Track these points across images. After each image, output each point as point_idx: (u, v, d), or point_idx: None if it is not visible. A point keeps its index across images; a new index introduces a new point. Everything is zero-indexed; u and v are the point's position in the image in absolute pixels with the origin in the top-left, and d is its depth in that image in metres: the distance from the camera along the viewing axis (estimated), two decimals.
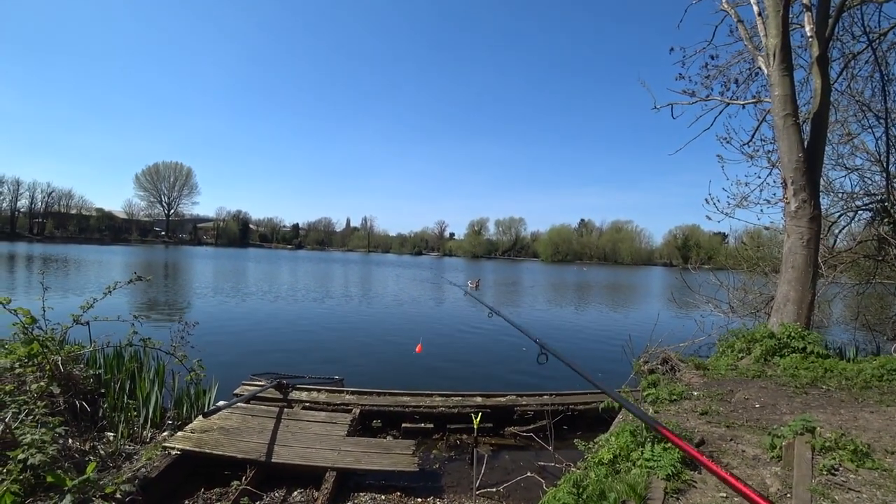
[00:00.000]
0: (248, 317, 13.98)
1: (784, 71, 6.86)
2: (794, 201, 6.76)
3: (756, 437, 3.71)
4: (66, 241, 71.49)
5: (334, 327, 13.19)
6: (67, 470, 3.22)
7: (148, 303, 15.53)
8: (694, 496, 2.87)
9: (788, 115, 6.81)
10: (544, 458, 4.49)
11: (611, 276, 52.05)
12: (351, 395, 5.59)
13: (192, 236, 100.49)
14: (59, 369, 4.31)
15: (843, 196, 10.02)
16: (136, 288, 16.69)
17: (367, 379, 6.89)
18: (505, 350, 10.85)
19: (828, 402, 4.52)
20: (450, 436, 5.24)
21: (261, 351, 9.44)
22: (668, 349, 6.01)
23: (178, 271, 31.16)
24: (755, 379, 5.29)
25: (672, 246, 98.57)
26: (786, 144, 6.84)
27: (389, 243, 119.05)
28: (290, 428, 4.49)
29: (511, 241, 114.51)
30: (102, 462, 3.78)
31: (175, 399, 5.32)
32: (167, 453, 3.89)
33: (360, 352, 10.24)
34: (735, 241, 13.65)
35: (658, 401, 4.41)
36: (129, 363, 5.32)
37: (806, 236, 6.71)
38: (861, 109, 9.41)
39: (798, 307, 6.67)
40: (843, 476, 2.94)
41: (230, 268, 36.14)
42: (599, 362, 9.81)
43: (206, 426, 4.35)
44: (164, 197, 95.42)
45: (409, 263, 62.32)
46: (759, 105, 9.22)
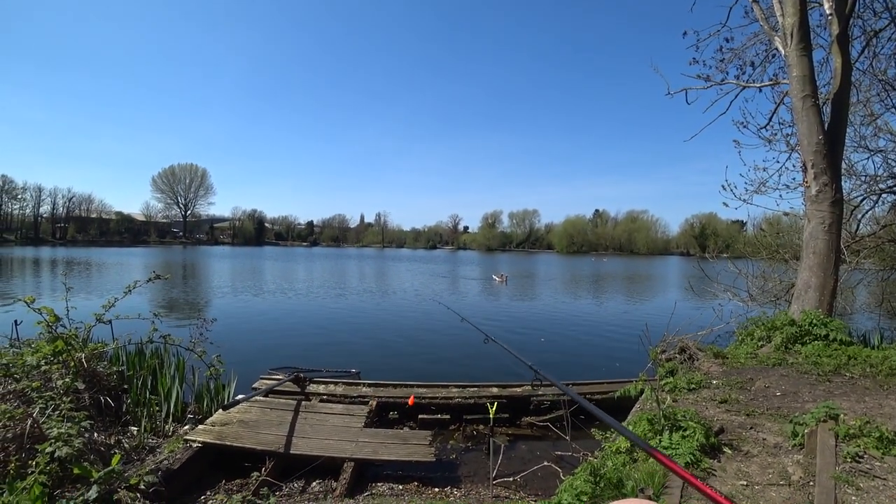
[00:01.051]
0: (265, 313, 14.17)
1: (802, 51, 6.67)
2: (815, 185, 6.59)
3: (777, 425, 3.65)
4: (88, 245, 73.18)
5: (350, 322, 13.32)
6: (93, 462, 3.31)
7: (167, 301, 15.83)
8: (714, 484, 2.84)
9: (808, 97, 6.62)
10: (561, 448, 4.48)
11: (627, 267, 51.53)
12: (367, 387, 5.64)
13: (209, 236, 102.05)
14: (84, 366, 4.41)
15: (866, 179, 9.73)
16: (155, 287, 17.03)
17: (383, 372, 6.94)
18: (520, 341, 10.84)
19: (852, 390, 4.42)
20: (466, 426, 5.26)
21: (278, 346, 9.58)
22: (686, 338, 5.93)
23: (195, 270, 31.70)
24: (776, 367, 5.20)
25: (689, 235, 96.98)
26: (805, 127, 6.66)
27: (403, 238, 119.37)
28: (308, 420, 4.55)
29: (525, 233, 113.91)
30: (127, 455, 3.87)
31: (195, 394, 5.43)
32: (189, 446, 3.97)
33: (376, 345, 10.33)
34: (753, 228, 13.34)
35: (676, 389, 4.36)
36: (151, 360, 5.43)
37: (827, 221, 6.54)
38: (884, 89, 9.10)
39: (820, 294, 6.52)
40: (868, 463, 2.87)
41: (247, 266, 36.66)
42: (617, 352, 9.75)
43: (225, 419, 4.43)
44: (180, 198, 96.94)
45: (424, 258, 62.45)
46: (777, 87, 8.99)
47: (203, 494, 3.62)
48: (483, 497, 3.66)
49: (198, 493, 3.62)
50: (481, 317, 14.63)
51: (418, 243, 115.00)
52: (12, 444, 3.25)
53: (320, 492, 3.71)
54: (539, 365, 2.44)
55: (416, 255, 75.34)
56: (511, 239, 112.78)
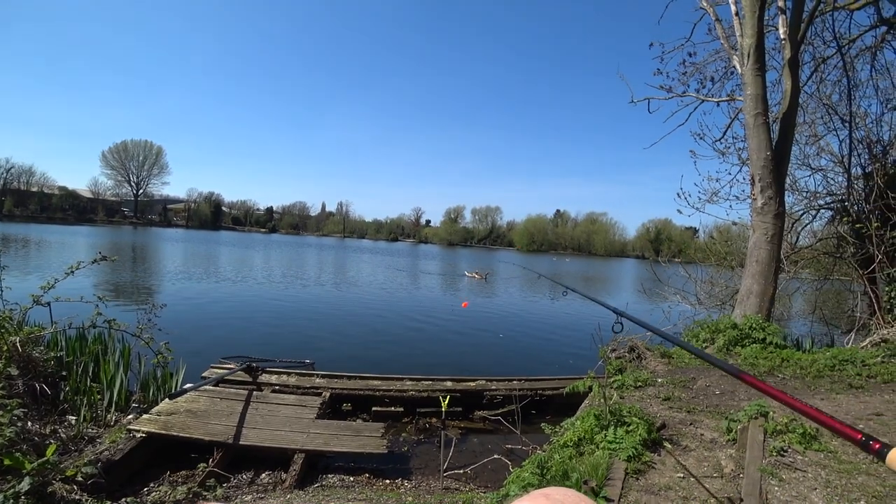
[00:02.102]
0: (218, 301, 13.73)
1: (757, 71, 7.04)
2: (761, 198, 6.99)
3: (714, 421, 3.88)
4: (27, 221, 68.22)
5: (306, 312, 13.08)
6: (26, 453, 3.14)
7: (114, 285, 15.07)
8: (653, 476, 2.99)
9: (759, 115, 7.00)
10: (512, 442, 4.59)
11: (585, 267, 52.93)
12: (321, 378, 5.58)
13: (161, 217, 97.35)
14: (18, 350, 4.16)
15: (807, 195, 10.41)
16: (101, 269, 16.16)
17: (338, 363, 6.88)
18: (476, 337, 10.99)
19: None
20: (419, 419, 5.30)
21: (231, 335, 9.30)
22: (636, 338, 6.18)
23: (146, 253, 30.27)
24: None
25: (645, 239, 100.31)
26: (755, 142, 7.05)
27: (365, 229, 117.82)
28: (260, 411, 4.46)
29: (487, 229, 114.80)
30: (64, 445, 3.69)
31: (141, 382, 5.20)
32: (132, 436, 3.83)
33: (332, 336, 10.20)
34: (705, 235, 14.00)
35: (624, 387, 4.54)
36: (93, 345, 5.18)
37: (770, 232, 6.96)
38: (828, 112, 9.75)
39: (760, 300, 6.94)
40: (791, 457, 3.10)
41: (201, 251, 35.28)
42: (571, 349, 10.03)
43: (172, 409, 4.28)
44: (132, 176, 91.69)
45: (385, 250, 61.96)
46: (733, 103, 9.46)
47: (146, 486, 3.49)
48: (433, 489, 3.71)
49: (140, 485, 3.49)
50: (443, 313, 14.72)
51: (380, 235, 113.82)
52: None
53: (269, 483, 3.66)
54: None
55: (378, 246, 74.59)
56: (473, 235, 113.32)
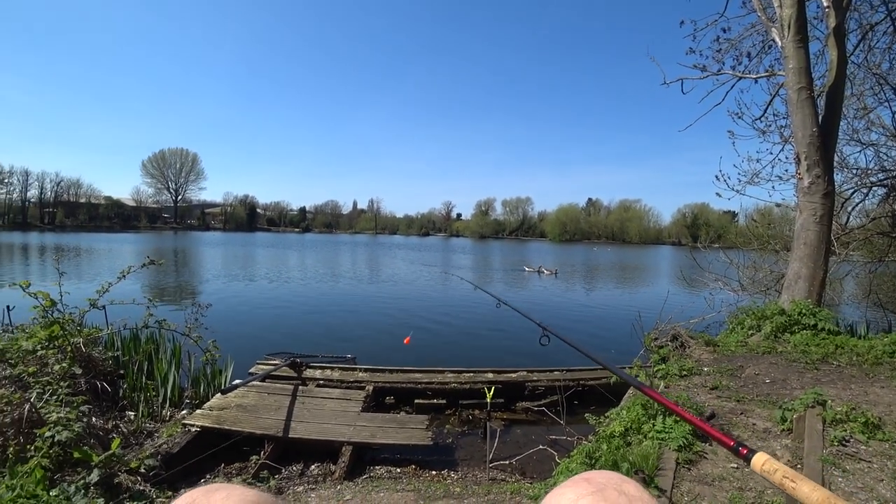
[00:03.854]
0: (260, 299, 14.15)
1: (799, 43, 6.68)
2: (808, 177, 6.66)
3: (766, 410, 3.74)
4: (77, 230, 72.12)
5: (344, 308, 13.34)
6: (93, 447, 3.33)
7: (161, 287, 15.75)
8: (705, 466, 2.92)
9: (803, 89, 6.66)
10: (556, 433, 4.56)
11: (621, 256, 51.84)
12: (364, 372, 5.69)
13: (200, 222, 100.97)
14: (80, 351, 4.41)
15: (857, 172, 9.84)
16: (148, 273, 16.90)
17: (378, 357, 6.98)
18: (515, 329, 10.95)
19: (838, 378, 4.53)
20: (462, 411, 5.33)
21: (274, 332, 9.59)
22: (678, 326, 6.02)
23: (188, 257, 31.46)
24: (765, 355, 5.30)
25: (681, 225, 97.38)
26: (799, 119, 6.71)
27: (396, 225, 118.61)
28: (306, 405, 4.59)
29: (518, 220, 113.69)
30: (125, 439, 3.89)
31: (192, 378, 5.43)
32: (187, 430, 4.00)
33: (371, 331, 10.37)
34: (745, 218, 13.47)
35: (668, 376, 4.44)
36: (146, 345, 5.43)
37: (819, 212, 6.63)
38: (878, 83, 9.15)
39: (809, 284, 6.63)
40: (854, 447, 2.96)
41: (240, 253, 36.42)
42: (610, 339, 9.87)
43: (223, 404, 4.45)
44: (171, 183, 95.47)
45: (417, 245, 62.28)
46: (773, 79, 9.01)
47: (202, 478, 3.65)
48: (479, 479, 3.73)
49: (197, 477, 3.65)
50: (480, 307, 14.75)
51: (411, 230, 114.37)
52: (10, 428, 3.26)
53: (319, 475, 3.76)
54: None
55: (409, 242, 74.99)
56: (504, 227, 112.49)
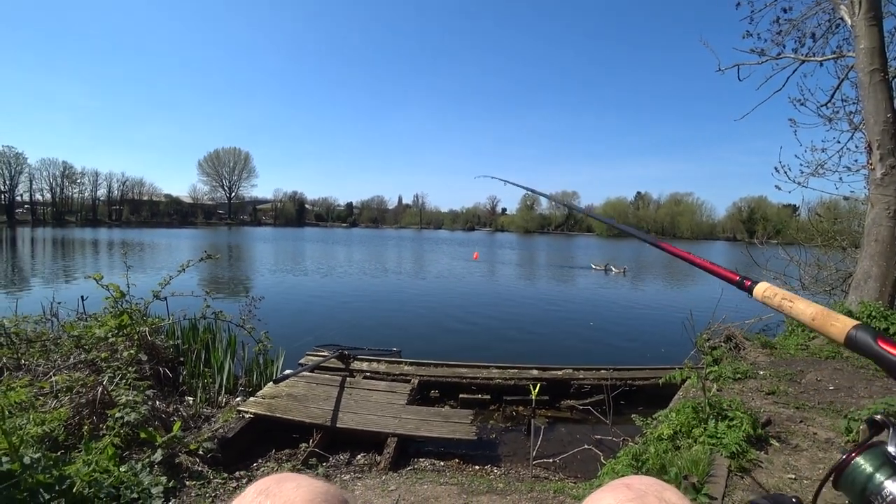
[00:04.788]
0: (309, 292, 14.65)
1: (871, 20, 6.19)
2: (881, 167, 6.17)
3: (829, 419, 3.53)
4: (140, 226, 77.32)
5: (390, 301, 13.58)
6: (156, 428, 3.57)
7: (216, 280, 16.57)
8: (760, 476, 2.79)
9: (876, 71, 6.16)
10: (601, 432, 4.48)
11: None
12: (409, 365, 5.77)
13: (252, 217, 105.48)
14: (146, 339, 4.73)
15: None
16: (206, 267, 17.90)
17: (423, 351, 7.08)
18: (561, 326, 10.83)
19: None
20: (506, 407, 5.32)
21: (323, 324, 9.91)
22: (732, 326, 5.75)
23: (241, 251, 32.95)
24: (829, 360, 4.99)
25: (736, 219, 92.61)
26: (872, 104, 6.22)
27: (441, 220, 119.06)
28: (353, 396, 4.72)
29: (564, 215, 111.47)
30: (184, 423, 4.14)
31: (245, 368, 5.71)
32: (241, 416, 4.21)
33: (417, 324, 10.54)
34: (808, 213, 12.63)
35: (721, 378, 4.25)
36: (204, 334, 5.74)
37: (893, 206, 6.14)
38: None
39: (881, 284, 6.17)
40: None
41: (290, 247, 37.79)
42: (660, 338, 9.56)
43: (275, 392, 4.65)
44: (224, 181, 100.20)
45: (462, 240, 62.34)
46: (841, 61, 8.36)
47: (255, 462, 3.84)
48: (523, 476, 3.72)
49: (250, 461, 3.84)
50: (525, 302, 14.68)
51: (456, 225, 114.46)
52: (86, 408, 3.55)
53: (365, 464, 3.87)
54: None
55: (454, 237, 75.08)
56: (549, 221, 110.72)
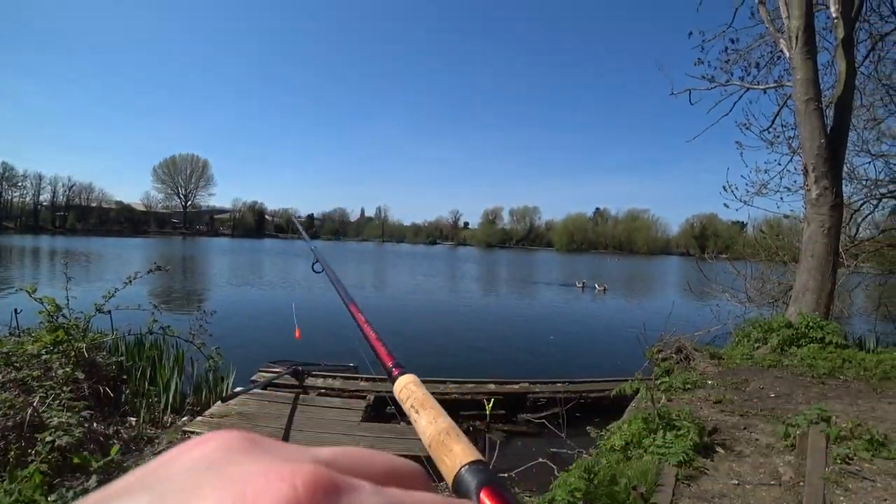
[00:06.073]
0: (265, 306, 14.21)
1: (807, 54, 6.67)
2: (816, 188, 6.61)
3: (770, 426, 3.69)
4: (88, 234, 73.06)
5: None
6: (93, 452, 3.35)
7: (167, 293, 15.85)
8: (705, 483, 2.88)
9: (811, 100, 6.63)
10: (557, 445, 4.51)
11: (630, 267, 51.52)
12: (365, 381, 5.68)
13: (209, 227, 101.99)
14: (84, 356, 4.45)
15: (867, 183, 9.77)
16: (156, 279, 17.08)
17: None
18: (519, 340, 10.92)
19: (845, 393, 4.47)
20: (463, 422, 5.29)
21: (278, 339, 9.59)
22: (683, 338, 5.96)
23: (195, 263, 31.71)
24: (771, 368, 5.24)
25: (689, 235, 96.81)
26: (807, 130, 6.68)
27: (403, 233, 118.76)
28: (307, 413, 4.59)
29: (525, 229, 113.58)
30: (125, 445, 3.91)
31: (194, 385, 5.46)
32: (187, 437, 4.01)
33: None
34: (754, 229, 13.37)
35: (672, 389, 4.39)
36: (150, 350, 5.47)
37: (827, 224, 6.57)
38: (888, 93, 9.11)
39: (817, 296, 6.56)
40: (857, 465, 2.91)
41: (248, 260, 36.65)
42: (617, 351, 9.80)
43: (224, 411, 4.46)
44: (180, 189, 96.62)
45: (424, 254, 62.18)
46: (781, 90, 9.00)
47: None
48: None
49: None
50: (487, 315, 14.75)
51: (418, 238, 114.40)
52: (13, 432, 3.28)
53: None
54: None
55: (416, 251, 74.80)
56: (511, 236, 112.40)
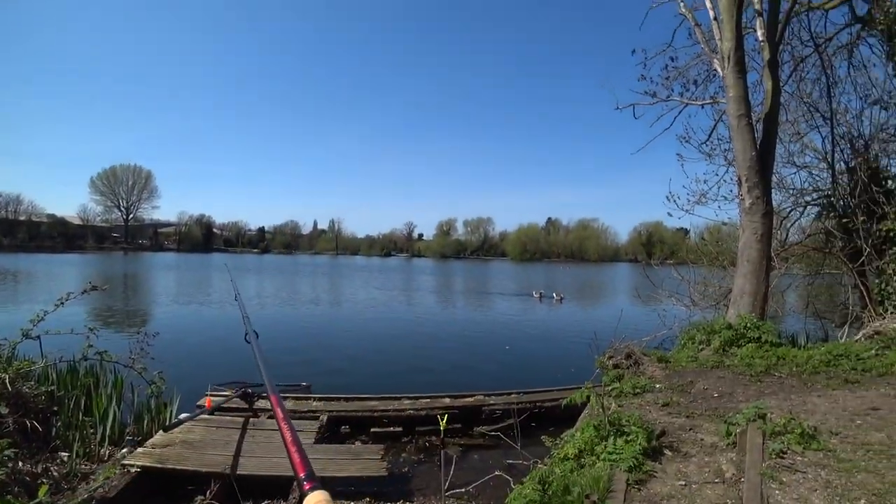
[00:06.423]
0: (213, 325, 13.61)
1: (738, 74, 7.15)
2: (749, 198, 7.06)
3: (714, 425, 3.87)
4: (15, 250, 67.26)
5: (301, 333, 12.97)
6: (18, 495, 3.07)
7: (106, 314, 14.88)
8: (655, 486, 2.97)
9: (742, 116, 7.10)
10: (512, 457, 4.54)
11: (581, 274, 53.02)
12: (318, 401, 5.53)
13: (152, 242, 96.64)
14: (7, 388, 4.09)
15: (793, 192, 10.55)
16: (92, 299, 15.99)
17: (336, 384, 6.82)
18: (477, 350, 10.97)
19: (780, 389, 4.75)
20: (419, 438, 5.27)
21: (227, 360, 9.18)
22: (632, 344, 6.17)
23: (138, 280, 29.99)
24: (714, 369, 5.51)
25: (637, 242, 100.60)
26: (740, 144, 7.14)
27: (358, 245, 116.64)
28: (256, 438, 4.40)
29: (480, 240, 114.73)
30: (56, 484, 3.61)
31: (135, 414, 5.12)
32: (126, 471, 3.76)
33: (331, 356, 10.12)
34: (696, 236, 14.12)
35: (622, 394, 4.53)
36: (85, 378, 5.10)
37: (759, 231, 7.02)
38: (809, 110, 9.92)
39: (753, 299, 6.98)
40: (790, 458, 3.10)
41: (194, 276, 34.96)
42: (571, 358, 10.01)
43: (167, 441, 4.21)
44: (122, 201, 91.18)
45: (380, 267, 61.44)
46: (716, 105, 9.58)
47: None
48: None
49: None
50: (442, 328, 14.72)
51: (373, 250, 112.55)
52: None
53: None
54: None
55: (371, 263, 73.49)
56: (465, 246, 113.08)
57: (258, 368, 1.07)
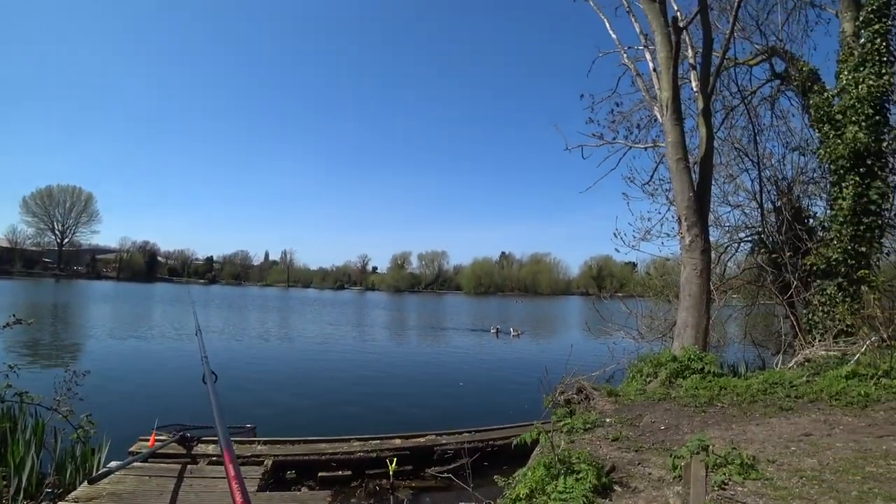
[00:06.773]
0: (151, 362, 12.76)
1: (675, 121, 7.69)
2: (688, 236, 7.49)
3: (661, 458, 3.96)
4: None
5: (246, 371, 12.19)
6: None
7: (29, 349, 13.64)
8: None
9: (680, 160, 7.61)
10: (465, 498, 4.45)
11: (535, 308, 53.80)
12: (263, 444, 5.23)
13: (90, 269, 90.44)
14: None
15: (728, 228, 11.34)
16: (15, 331, 14.68)
17: (283, 425, 6.51)
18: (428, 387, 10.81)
19: (722, 419, 4.94)
20: (369, 482, 5.08)
21: (165, 401, 8.57)
22: (583, 378, 6.29)
23: (70, 311, 27.85)
24: (661, 401, 5.66)
25: (588, 276, 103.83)
26: (679, 185, 7.61)
27: (310, 278, 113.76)
28: (195, 487, 4.09)
29: (434, 274, 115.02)
30: None
31: (56, 463, 4.64)
32: None
33: (278, 395, 9.67)
34: (643, 270, 14.78)
35: (573, 430, 4.57)
36: (1, 422, 4.61)
37: (699, 267, 7.42)
38: (739, 154, 10.83)
39: (696, 331, 7.30)
40: (731, 489, 3.20)
41: (132, 308, 32.82)
42: (524, 394, 10.02)
43: (93, 493, 3.84)
44: (57, 224, 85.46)
45: (332, 300, 59.82)
46: (657, 149, 10.27)
47: None
48: None
49: None
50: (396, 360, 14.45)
51: (325, 283, 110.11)
52: None
53: None
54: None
55: (323, 297, 71.13)
56: (420, 280, 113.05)
57: (213, 413, 1.01)
